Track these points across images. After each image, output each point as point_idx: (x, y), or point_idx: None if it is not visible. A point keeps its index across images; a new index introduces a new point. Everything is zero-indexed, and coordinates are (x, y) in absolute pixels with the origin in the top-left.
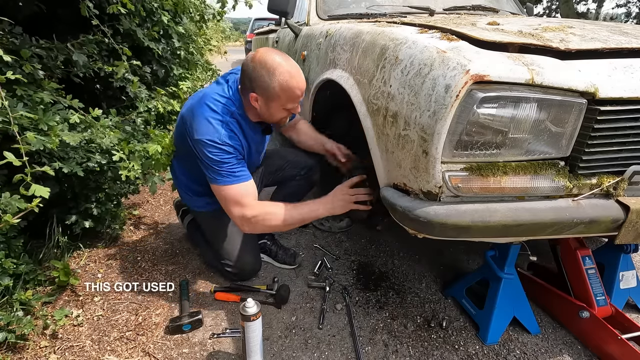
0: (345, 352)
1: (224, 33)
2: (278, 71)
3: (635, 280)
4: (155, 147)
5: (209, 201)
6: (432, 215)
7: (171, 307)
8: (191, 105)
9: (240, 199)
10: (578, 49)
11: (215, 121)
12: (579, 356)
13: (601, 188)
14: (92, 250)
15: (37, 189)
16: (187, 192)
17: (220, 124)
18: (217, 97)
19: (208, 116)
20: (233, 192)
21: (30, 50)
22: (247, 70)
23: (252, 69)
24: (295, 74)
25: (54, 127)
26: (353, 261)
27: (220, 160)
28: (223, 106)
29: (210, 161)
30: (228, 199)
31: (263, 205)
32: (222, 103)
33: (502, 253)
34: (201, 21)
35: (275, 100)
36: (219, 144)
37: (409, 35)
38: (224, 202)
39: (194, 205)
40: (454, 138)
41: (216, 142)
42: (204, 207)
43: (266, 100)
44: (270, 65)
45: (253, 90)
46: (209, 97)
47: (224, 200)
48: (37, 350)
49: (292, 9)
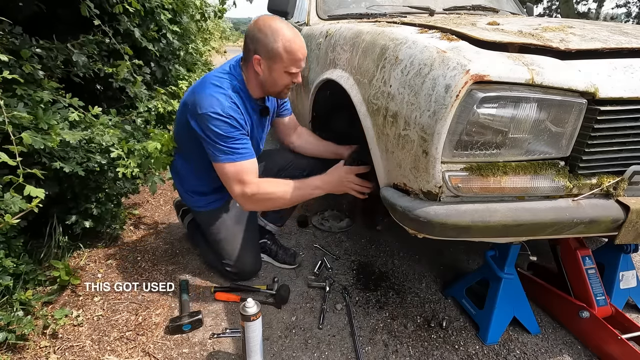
0: (345, 352)
1: (224, 33)
2: (281, 32)
3: (635, 280)
4: (155, 144)
5: (210, 200)
6: (432, 215)
7: (171, 307)
8: (193, 88)
9: (242, 176)
10: (578, 49)
11: (218, 94)
12: (579, 356)
13: (601, 188)
14: (92, 250)
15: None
16: (188, 192)
17: (224, 97)
18: (219, 74)
19: (212, 91)
20: (235, 169)
21: (30, 51)
22: (251, 33)
23: (256, 30)
24: (297, 38)
25: (54, 126)
26: (353, 261)
27: (223, 134)
28: (226, 81)
29: (214, 135)
30: (230, 176)
31: (264, 183)
32: (225, 78)
33: (502, 253)
34: (202, 20)
35: (279, 62)
36: (223, 116)
37: (409, 35)
38: (226, 179)
39: (195, 205)
40: (454, 138)
41: (220, 114)
42: (205, 206)
43: (269, 62)
44: (274, 27)
45: (256, 52)
46: (212, 75)
47: (225, 177)
48: (37, 350)
49: (292, 9)
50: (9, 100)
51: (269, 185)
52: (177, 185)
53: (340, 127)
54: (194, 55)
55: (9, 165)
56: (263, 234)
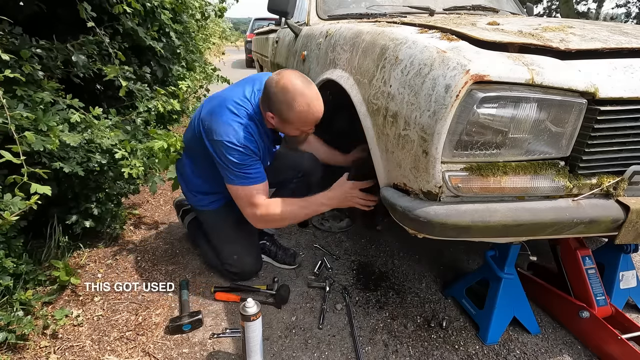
0: (345, 352)
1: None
2: (297, 102)
3: (635, 280)
4: (161, 143)
5: (213, 200)
6: (432, 215)
7: (171, 307)
8: (211, 108)
9: (253, 199)
10: (578, 49)
11: (236, 124)
12: (579, 356)
13: (601, 188)
14: (92, 250)
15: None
16: (191, 192)
17: (241, 127)
18: (239, 100)
19: (229, 119)
20: (246, 192)
21: (30, 51)
22: (269, 93)
23: (273, 93)
24: (313, 104)
25: (53, 128)
26: (353, 261)
27: (238, 162)
28: (243, 109)
29: (229, 162)
30: (242, 198)
31: (273, 204)
32: (244, 107)
33: (502, 253)
34: (202, 19)
35: (290, 125)
36: (238, 146)
37: (409, 35)
38: (238, 201)
39: (198, 204)
40: (454, 138)
41: (235, 144)
42: (208, 205)
43: (282, 122)
44: (290, 95)
45: (270, 111)
46: (231, 100)
47: (237, 199)
48: (37, 350)
49: (292, 9)
50: (10, 101)
51: (277, 206)
52: (181, 184)
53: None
54: (194, 54)
55: (8, 165)
56: (262, 236)
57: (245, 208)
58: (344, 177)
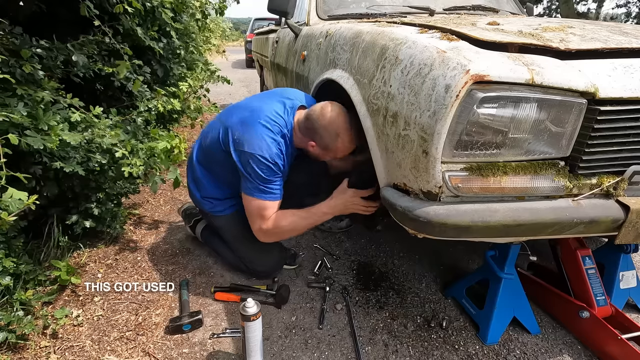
0: (345, 352)
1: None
2: (341, 137)
3: (635, 280)
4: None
5: (230, 204)
6: (432, 215)
7: (171, 307)
8: (243, 119)
9: (265, 212)
10: (578, 49)
11: (269, 138)
12: (579, 356)
13: (601, 188)
14: (92, 250)
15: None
16: (205, 199)
17: (274, 143)
18: (273, 116)
19: (263, 133)
20: (262, 206)
21: (31, 51)
22: (314, 126)
23: (319, 127)
24: (353, 139)
25: (54, 127)
26: (353, 261)
27: (265, 177)
28: (277, 126)
29: (255, 175)
30: (254, 211)
31: (278, 217)
32: (278, 124)
33: (502, 253)
34: (202, 19)
35: (330, 153)
36: (269, 162)
37: (409, 35)
38: (249, 212)
39: (214, 210)
40: (454, 138)
41: (267, 159)
42: (224, 210)
43: (323, 151)
44: (335, 130)
45: (313, 140)
46: (265, 115)
47: (250, 210)
48: (37, 350)
49: (292, 9)
50: (10, 100)
51: (282, 219)
52: (193, 192)
53: None
54: (194, 54)
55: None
56: None
57: (255, 220)
58: (344, 183)
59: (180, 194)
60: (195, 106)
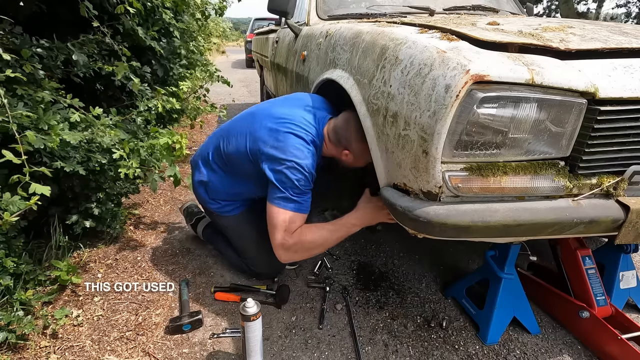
0: (345, 352)
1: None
2: None
3: (635, 280)
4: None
5: (238, 205)
6: (432, 215)
7: (171, 307)
8: (274, 127)
9: (291, 225)
10: (578, 49)
11: (305, 149)
12: (579, 356)
13: (601, 188)
14: (92, 250)
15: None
16: (216, 200)
17: (309, 152)
18: (306, 126)
19: (299, 142)
20: (288, 217)
21: (31, 50)
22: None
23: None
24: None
25: (54, 127)
26: (353, 261)
27: (299, 186)
28: (310, 135)
29: (290, 185)
30: (279, 222)
31: (303, 231)
32: (311, 134)
33: (502, 253)
34: (203, 18)
35: (363, 160)
36: (304, 170)
37: (409, 35)
38: (273, 224)
39: (221, 211)
40: (454, 138)
41: (304, 168)
42: (232, 211)
43: (355, 158)
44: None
45: (347, 149)
46: (296, 124)
47: (274, 222)
48: (37, 350)
49: (292, 9)
50: (10, 100)
51: (308, 233)
52: (200, 193)
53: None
54: (195, 53)
55: (8, 165)
56: None
57: (278, 233)
58: (366, 193)
59: (181, 194)
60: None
